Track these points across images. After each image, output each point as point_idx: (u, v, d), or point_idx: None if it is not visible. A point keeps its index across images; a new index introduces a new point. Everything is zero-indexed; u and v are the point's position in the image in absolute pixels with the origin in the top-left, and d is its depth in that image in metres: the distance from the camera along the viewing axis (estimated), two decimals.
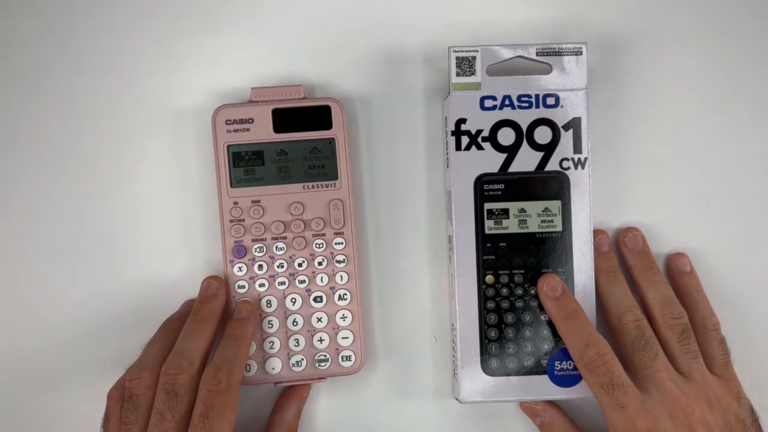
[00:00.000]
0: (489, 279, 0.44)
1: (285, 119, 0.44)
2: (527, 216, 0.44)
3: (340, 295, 0.44)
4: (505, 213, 0.44)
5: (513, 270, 0.44)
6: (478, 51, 0.43)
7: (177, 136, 0.46)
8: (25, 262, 0.46)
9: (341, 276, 0.44)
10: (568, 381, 0.44)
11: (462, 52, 0.43)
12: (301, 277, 0.44)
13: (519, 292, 0.44)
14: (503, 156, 0.44)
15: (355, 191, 0.46)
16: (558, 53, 0.43)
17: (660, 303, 0.44)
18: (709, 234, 0.47)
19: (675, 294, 0.45)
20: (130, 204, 0.46)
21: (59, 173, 0.46)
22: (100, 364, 0.46)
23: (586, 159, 0.44)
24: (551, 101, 0.44)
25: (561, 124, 0.44)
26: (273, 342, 0.44)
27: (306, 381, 0.45)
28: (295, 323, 0.44)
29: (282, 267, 0.44)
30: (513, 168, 0.44)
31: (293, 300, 0.44)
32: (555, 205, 0.44)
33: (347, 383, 0.46)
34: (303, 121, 0.44)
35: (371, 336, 0.47)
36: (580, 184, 0.44)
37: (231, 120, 0.44)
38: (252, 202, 0.44)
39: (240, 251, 0.44)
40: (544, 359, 0.44)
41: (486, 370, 0.44)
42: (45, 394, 0.46)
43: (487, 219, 0.44)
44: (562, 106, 0.44)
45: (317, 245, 0.44)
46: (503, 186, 0.44)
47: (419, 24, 0.47)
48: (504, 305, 0.44)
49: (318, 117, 0.44)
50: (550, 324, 0.44)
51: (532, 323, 0.44)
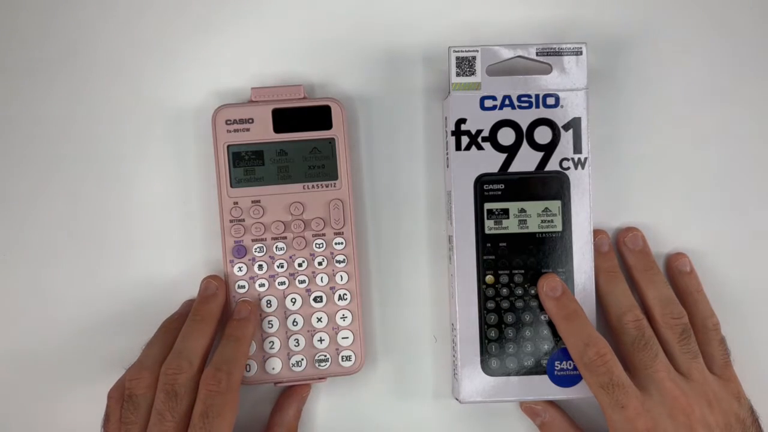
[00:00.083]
0: (489, 279, 0.44)
1: (285, 119, 0.44)
2: (527, 216, 0.44)
3: (340, 295, 0.44)
4: (505, 213, 0.44)
5: (513, 270, 0.44)
6: (478, 51, 0.43)
7: (177, 136, 0.46)
8: (25, 262, 0.46)
9: (341, 276, 0.44)
10: (568, 381, 0.44)
11: (462, 52, 0.43)
12: (301, 277, 0.44)
13: (519, 292, 0.44)
14: (503, 156, 0.44)
15: (355, 191, 0.46)
16: (558, 53, 0.43)
17: (660, 303, 0.44)
18: (709, 234, 0.47)
19: (675, 294, 0.45)
20: (130, 204, 0.46)
21: (59, 173, 0.46)
22: (100, 364, 0.46)
23: (586, 159, 0.44)
24: (551, 101, 0.44)
25: (561, 124, 0.44)
26: (273, 342, 0.44)
27: (306, 381, 0.45)
28: (295, 323, 0.44)
29: (282, 267, 0.44)
30: (513, 168, 0.44)
31: (293, 300, 0.44)
32: (555, 205, 0.44)
33: (347, 383, 0.46)
34: (303, 121, 0.44)
35: (371, 336, 0.47)
36: (580, 184, 0.44)
37: (231, 120, 0.44)
38: (252, 202, 0.44)
39: (240, 251, 0.44)
40: (544, 359, 0.44)
41: (486, 370, 0.44)
42: (45, 394, 0.46)
43: (487, 219, 0.44)
44: (562, 106, 0.44)
45: (317, 245, 0.44)
46: (503, 186, 0.44)
47: (419, 24, 0.47)
48: (504, 305, 0.44)
49: (318, 117, 0.44)
50: (550, 324, 0.44)
51: (532, 323, 0.44)
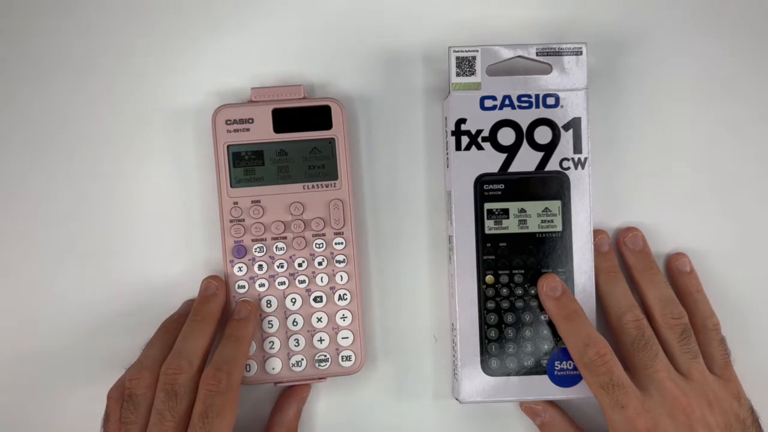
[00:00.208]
0: (489, 279, 0.44)
1: (285, 119, 0.44)
2: (527, 216, 0.44)
3: (340, 295, 0.44)
4: (505, 213, 0.44)
5: (513, 270, 0.44)
6: (478, 51, 0.43)
7: (177, 136, 0.46)
8: (25, 262, 0.46)
9: (341, 276, 0.44)
10: (568, 381, 0.44)
11: (462, 52, 0.43)
12: (301, 277, 0.44)
13: (519, 292, 0.44)
14: (503, 156, 0.44)
15: (355, 191, 0.46)
16: (558, 53, 0.43)
17: (660, 303, 0.44)
18: (709, 234, 0.47)
19: (675, 294, 0.45)
20: (130, 204, 0.46)
21: (59, 173, 0.46)
22: (100, 364, 0.46)
23: (586, 159, 0.44)
24: (551, 101, 0.44)
25: (561, 124, 0.44)
26: (273, 342, 0.44)
27: (306, 381, 0.45)
28: (295, 323, 0.44)
29: (282, 267, 0.44)
30: (513, 168, 0.44)
31: (293, 300, 0.44)
32: (555, 205, 0.44)
33: (347, 383, 0.46)
34: (303, 121, 0.44)
35: (371, 336, 0.47)
36: (580, 184, 0.44)
37: (231, 120, 0.44)
38: (252, 202, 0.44)
39: (240, 251, 0.44)
40: (544, 359, 0.44)
41: (486, 370, 0.44)
42: (45, 394, 0.46)
43: (487, 219, 0.44)
44: (562, 106, 0.44)
45: (317, 245, 0.44)
46: (503, 186, 0.44)
47: (419, 24, 0.47)
48: (504, 305, 0.44)
49: (318, 117, 0.44)
50: (550, 324, 0.44)
51: (532, 323, 0.44)
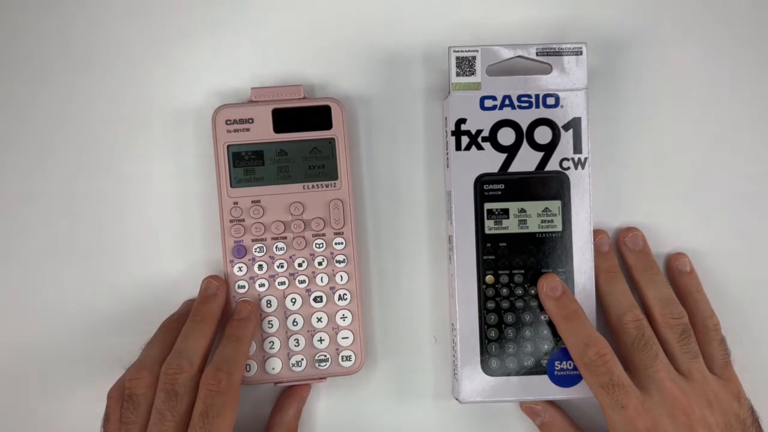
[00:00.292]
0: (489, 279, 0.44)
1: (285, 119, 0.44)
2: (527, 216, 0.44)
3: (340, 295, 0.44)
4: (505, 213, 0.44)
5: (513, 270, 0.44)
6: (478, 51, 0.43)
7: (177, 136, 0.46)
8: (25, 261, 0.46)
9: (341, 276, 0.44)
10: (568, 381, 0.44)
11: (462, 52, 0.43)
12: (301, 277, 0.44)
13: (519, 292, 0.44)
14: (503, 156, 0.44)
15: (355, 191, 0.46)
16: (558, 53, 0.43)
17: (660, 303, 0.44)
18: (709, 234, 0.47)
19: (675, 294, 0.45)
20: (129, 204, 0.46)
21: (59, 173, 0.46)
22: (100, 364, 0.46)
23: (586, 159, 0.44)
24: (551, 101, 0.44)
25: (561, 124, 0.44)
26: (273, 342, 0.44)
27: (306, 381, 0.45)
28: (295, 323, 0.44)
29: (282, 267, 0.44)
30: (513, 168, 0.44)
31: (293, 300, 0.44)
32: (555, 205, 0.44)
33: (347, 383, 0.46)
34: (303, 121, 0.44)
35: (371, 336, 0.47)
36: (580, 184, 0.44)
37: (231, 120, 0.44)
38: (252, 202, 0.44)
39: (240, 251, 0.44)
40: (544, 359, 0.44)
41: (486, 370, 0.44)
42: (45, 394, 0.46)
43: (487, 219, 0.44)
44: (562, 106, 0.44)
45: (317, 245, 0.44)
46: (503, 186, 0.44)
47: (419, 24, 0.47)
48: (504, 305, 0.44)
49: (318, 117, 0.44)
50: (550, 324, 0.44)
51: (532, 323, 0.44)
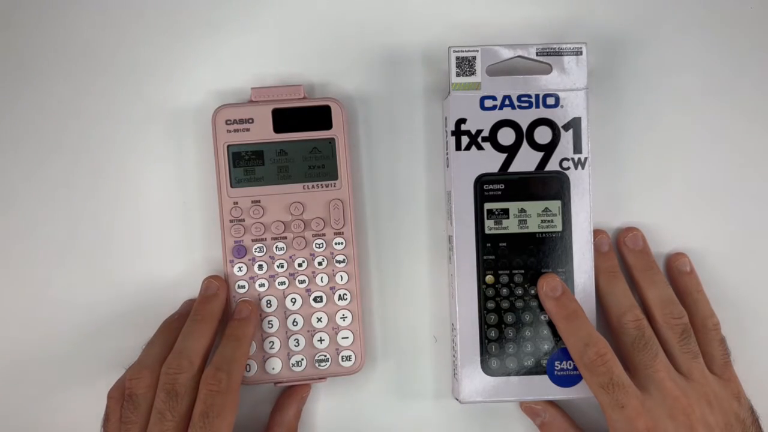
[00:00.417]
0: (489, 279, 0.44)
1: (285, 119, 0.44)
2: (527, 216, 0.44)
3: (340, 295, 0.44)
4: (505, 213, 0.44)
5: (513, 270, 0.44)
6: (478, 51, 0.43)
7: (177, 136, 0.46)
8: (25, 262, 0.46)
9: (341, 276, 0.44)
10: (568, 381, 0.44)
11: (462, 52, 0.43)
12: (301, 277, 0.44)
13: (519, 292, 0.44)
14: (503, 156, 0.44)
15: (355, 191, 0.46)
16: (558, 53, 0.43)
17: (660, 303, 0.44)
18: (709, 234, 0.47)
19: (675, 294, 0.45)
20: (130, 204, 0.46)
21: (59, 173, 0.46)
22: (100, 364, 0.46)
23: (586, 159, 0.44)
24: (551, 101, 0.44)
25: (561, 124, 0.44)
26: (273, 342, 0.44)
27: (306, 381, 0.45)
28: (295, 323, 0.44)
29: (282, 267, 0.44)
30: (513, 168, 0.44)
31: (293, 300, 0.44)
32: (555, 205, 0.44)
33: (347, 383, 0.46)
34: (303, 121, 0.44)
35: (371, 336, 0.47)
36: (580, 184, 0.44)
37: (231, 120, 0.44)
38: (252, 202, 0.44)
39: (240, 251, 0.44)
40: (544, 359, 0.44)
41: (486, 370, 0.44)
42: (45, 394, 0.46)
43: (487, 219, 0.44)
44: (562, 106, 0.44)
45: (317, 245, 0.44)
46: (503, 186, 0.44)
47: (419, 24, 0.47)
48: (504, 305, 0.44)
49: (318, 117, 0.44)
50: (550, 324, 0.44)
51: (532, 323, 0.44)
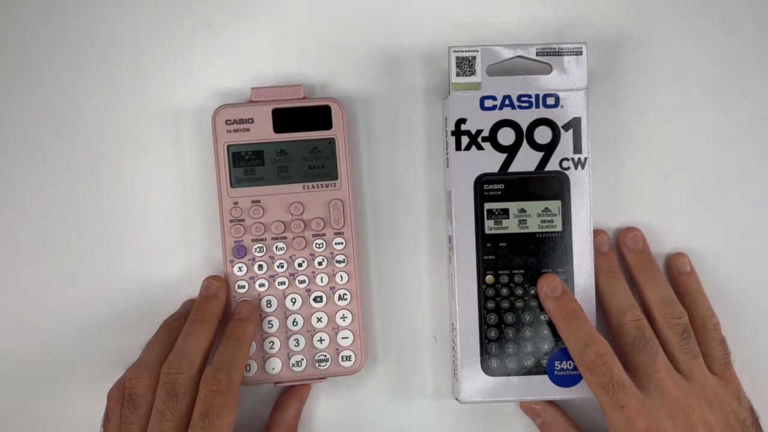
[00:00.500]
0: (489, 279, 0.44)
1: (285, 119, 0.44)
2: (527, 216, 0.44)
3: (340, 295, 0.44)
4: (505, 213, 0.44)
5: (513, 270, 0.44)
6: (478, 51, 0.43)
7: (177, 136, 0.46)
8: (25, 261, 0.46)
9: (341, 276, 0.44)
10: (568, 381, 0.44)
11: (462, 52, 0.43)
12: (301, 277, 0.44)
13: (519, 292, 0.44)
14: (503, 156, 0.44)
15: (355, 191, 0.46)
16: (558, 53, 0.43)
17: (660, 303, 0.44)
18: (709, 234, 0.47)
19: (675, 294, 0.45)
20: (130, 204, 0.46)
21: (59, 173, 0.46)
22: (100, 364, 0.46)
23: (586, 159, 0.44)
24: (551, 101, 0.44)
25: (561, 124, 0.44)
26: (273, 342, 0.44)
27: (306, 381, 0.45)
28: (295, 323, 0.44)
29: (282, 267, 0.44)
30: (513, 168, 0.44)
31: (293, 300, 0.44)
32: (555, 205, 0.44)
33: (347, 383, 0.46)
34: (303, 121, 0.44)
35: (371, 336, 0.47)
36: (580, 184, 0.44)
37: (231, 120, 0.44)
38: (252, 202, 0.44)
39: (240, 251, 0.44)
40: (544, 359, 0.44)
41: (486, 370, 0.44)
42: (45, 394, 0.46)
43: (487, 219, 0.44)
44: (562, 106, 0.44)
45: (317, 245, 0.44)
46: (503, 186, 0.44)
47: (419, 24, 0.47)
48: (504, 305, 0.44)
49: (318, 117, 0.44)
50: (550, 324, 0.44)
51: (532, 323, 0.44)
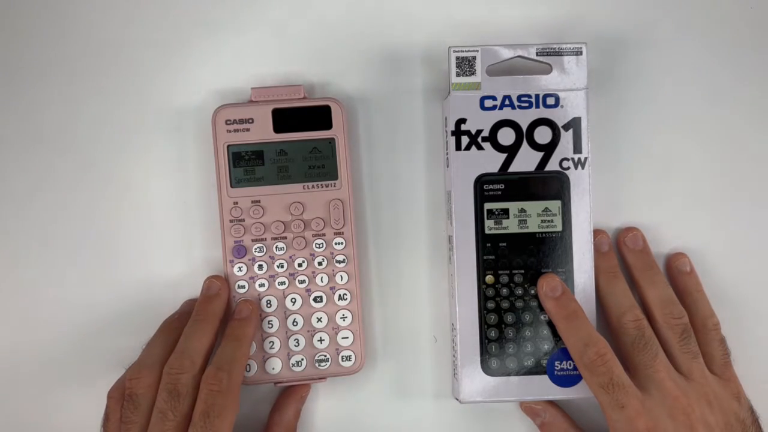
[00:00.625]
0: (489, 279, 0.44)
1: (285, 119, 0.44)
2: (527, 216, 0.44)
3: (340, 295, 0.44)
4: (505, 213, 0.44)
5: (513, 270, 0.44)
6: (478, 51, 0.43)
7: (177, 136, 0.46)
8: (26, 262, 0.46)
9: (341, 276, 0.44)
10: (568, 381, 0.44)
11: (462, 52, 0.43)
12: (301, 277, 0.44)
13: (519, 292, 0.44)
14: (503, 156, 0.44)
15: (355, 191, 0.46)
16: (558, 53, 0.43)
17: (660, 303, 0.44)
18: (709, 234, 0.47)
19: (675, 294, 0.45)
20: (130, 204, 0.46)
21: (59, 173, 0.46)
22: (100, 364, 0.46)
23: (586, 159, 0.44)
24: (551, 101, 0.44)
25: (561, 124, 0.44)
26: (273, 342, 0.44)
27: (306, 381, 0.45)
28: (295, 323, 0.44)
29: (282, 267, 0.44)
30: (513, 168, 0.44)
31: (293, 300, 0.44)
32: (555, 205, 0.44)
33: (347, 383, 0.46)
34: (303, 121, 0.44)
35: (371, 336, 0.47)
36: (580, 184, 0.44)
37: (231, 120, 0.44)
38: (252, 202, 0.44)
39: (240, 251, 0.44)
40: (544, 359, 0.44)
41: (486, 370, 0.44)
42: (45, 394, 0.46)
43: (487, 219, 0.44)
44: (562, 106, 0.44)
45: (317, 245, 0.44)
46: (503, 186, 0.44)
47: (419, 24, 0.47)
48: (504, 305, 0.44)
49: (318, 117, 0.44)
50: (550, 324, 0.44)
51: (532, 323, 0.44)
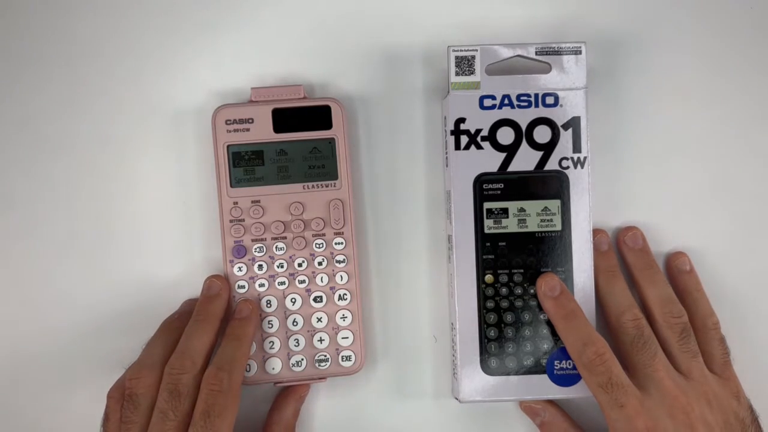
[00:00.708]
0: (488, 278, 0.44)
1: (285, 119, 0.44)
2: (526, 215, 0.44)
3: (340, 295, 0.44)
4: (505, 212, 0.44)
5: (512, 269, 0.44)
6: (477, 50, 0.43)
7: (177, 136, 0.46)
8: (25, 261, 0.46)
9: (341, 276, 0.44)
10: (567, 380, 0.43)
11: (461, 51, 0.43)
12: (301, 277, 0.44)
13: (518, 291, 0.44)
14: (502, 155, 0.44)
15: (355, 191, 0.46)
16: (557, 52, 0.43)
17: (660, 302, 0.44)
18: (709, 233, 0.47)
19: (675, 293, 0.44)
20: (129, 204, 0.46)
21: (59, 173, 0.46)
22: (100, 364, 0.46)
23: (585, 158, 0.44)
24: (550, 100, 0.44)
25: (560, 123, 0.44)
26: (273, 342, 0.44)
27: (306, 381, 0.45)
28: (295, 323, 0.44)
29: (282, 267, 0.44)
30: (512, 167, 0.44)
31: (293, 300, 0.44)
32: (554, 205, 0.44)
33: (347, 383, 0.46)
34: (303, 121, 0.44)
35: (371, 336, 0.47)
36: (579, 183, 0.44)
37: (231, 120, 0.44)
38: (252, 202, 0.44)
39: (240, 251, 0.44)
40: (543, 358, 0.44)
41: (486, 369, 0.44)
42: (45, 394, 0.46)
43: (487, 218, 0.44)
44: (561, 105, 0.44)
45: (317, 245, 0.44)
46: (502, 185, 0.44)
47: (419, 24, 0.47)
48: (503, 305, 0.44)
49: (318, 117, 0.44)
50: (549, 323, 0.44)
51: (531, 322, 0.44)
